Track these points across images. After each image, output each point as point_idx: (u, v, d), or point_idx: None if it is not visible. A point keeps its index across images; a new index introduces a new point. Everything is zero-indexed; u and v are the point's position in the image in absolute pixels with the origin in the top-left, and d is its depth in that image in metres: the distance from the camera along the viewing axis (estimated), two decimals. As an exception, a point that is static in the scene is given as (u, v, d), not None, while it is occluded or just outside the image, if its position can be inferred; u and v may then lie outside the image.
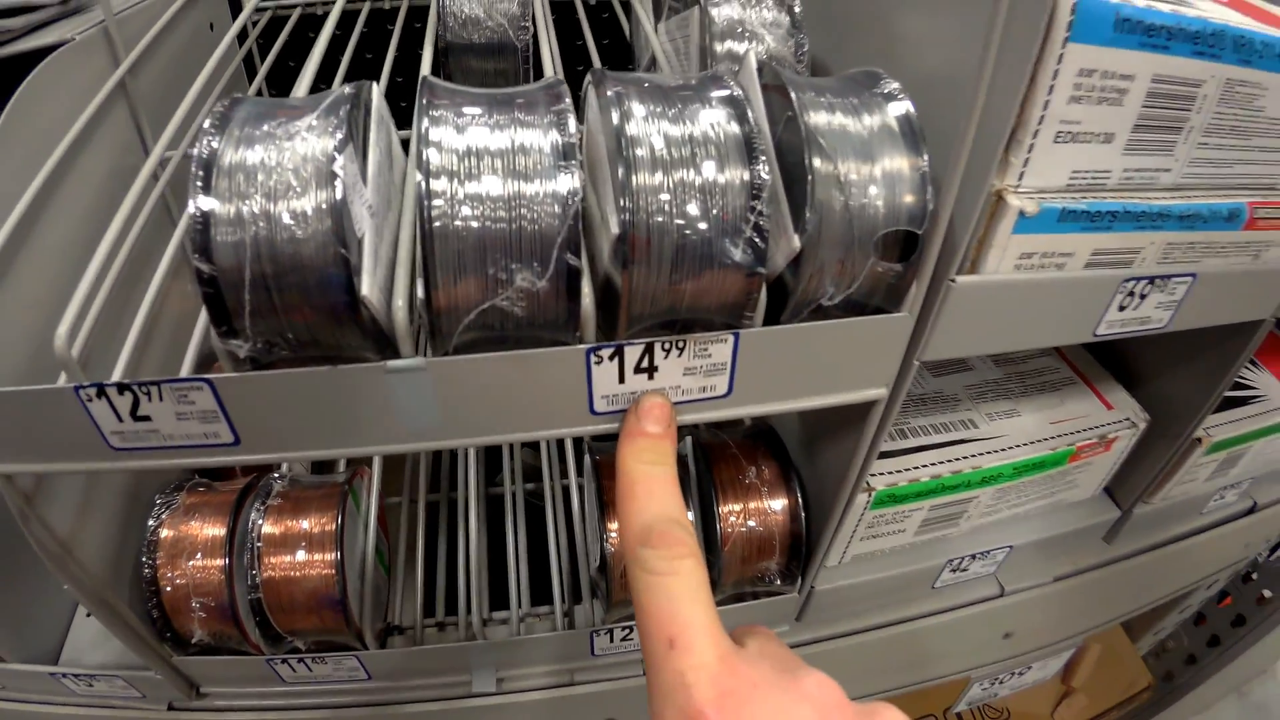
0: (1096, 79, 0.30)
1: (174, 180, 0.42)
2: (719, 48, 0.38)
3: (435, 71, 0.45)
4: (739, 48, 0.38)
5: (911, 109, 0.30)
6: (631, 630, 0.47)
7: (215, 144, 0.26)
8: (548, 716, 0.51)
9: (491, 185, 0.27)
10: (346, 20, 0.60)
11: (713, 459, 0.46)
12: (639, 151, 0.28)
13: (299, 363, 0.29)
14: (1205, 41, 0.32)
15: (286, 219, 0.26)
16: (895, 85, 0.31)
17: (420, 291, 0.27)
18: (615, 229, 0.27)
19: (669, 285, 0.29)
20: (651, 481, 0.29)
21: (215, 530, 0.43)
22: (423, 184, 0.26)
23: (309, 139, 0.27)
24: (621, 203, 0.27)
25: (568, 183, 0.27)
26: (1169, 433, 0.52)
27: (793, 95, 0.29)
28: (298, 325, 0.28)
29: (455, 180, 0.27)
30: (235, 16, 0.60)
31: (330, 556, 0.44)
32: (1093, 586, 0.59)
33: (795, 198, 0.29)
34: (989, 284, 0.33)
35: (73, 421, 0.29)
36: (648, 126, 0.29)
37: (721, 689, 0.24)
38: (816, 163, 0.29)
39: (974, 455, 0.46)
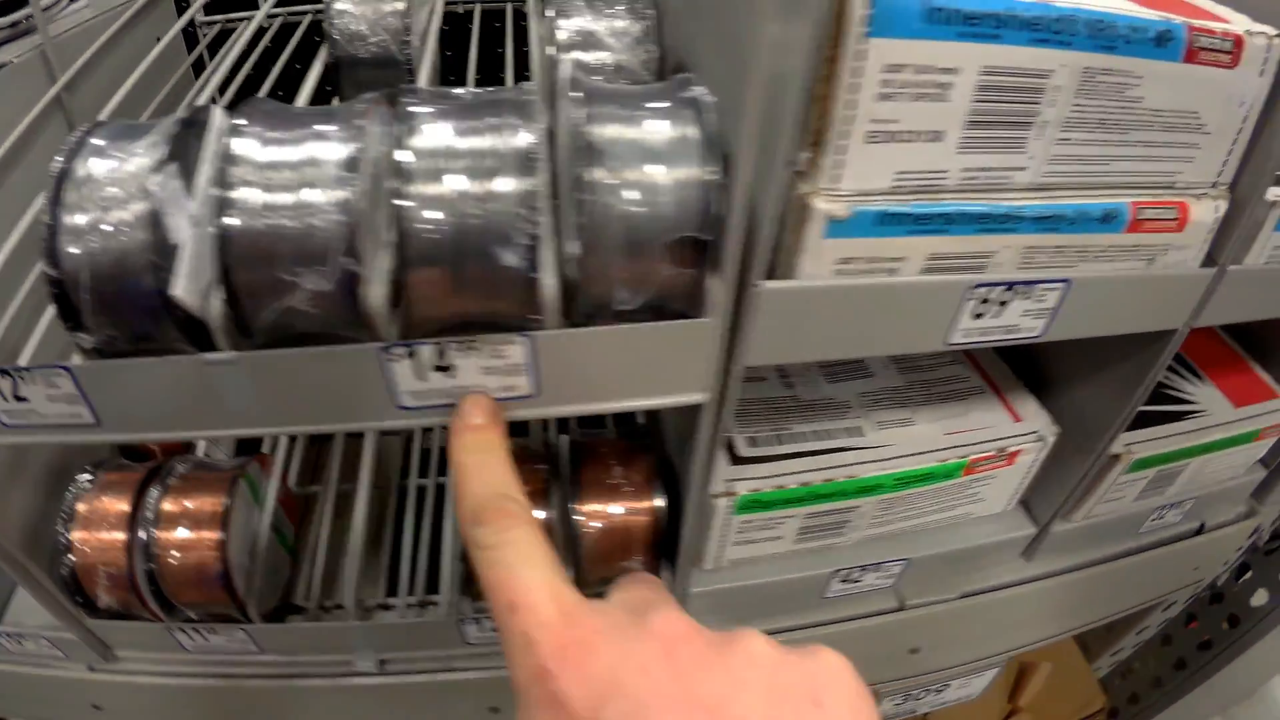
0: (910, 74, 0.28)
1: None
2: (566, 57, 0.36)
3: (328, 84, 0.46)
4: (586, 58, 0.36)
5: (705, 116, 0.28)
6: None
7: (68, 163, 0.29)
8: (429, 701, 0.51)
9: (283, 195, 0.28)
10: (287, 33, 0.61)
11: (582, 459, 0.45)
12: (424, 164, 0.28)
13: (143, 353, 0.31)
14: (1047, 27, 0.29)
15: (110, 229, 0.29)
16: (699, 91, 0.29)
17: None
18: (392, 237, 0.27)
19: (453, 289, 0.29)
20: (479, 468, 0.29)
21: (121, 505, 0.46)
22: (216, 195, 0.28)
23: (139, 158, 0.29)
24: (401, 212, 0.27)
25: (346, 192, 0.28)
26: (1083, 448, 0.49)
27: (577, 110, 0.28)
28: (127, 322, 0.30)
29: (250, 190, 0.28)
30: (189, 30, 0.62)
31: (214, 536, 0.45)
32: (1012, 605, 0.56)
33: (572, 204, 0.28)
34: (801, 289, 0.31)
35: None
36: (436, 140, 0.29)
37: (563, 640, 0.24)
38: (597, 173, 0.27)
39: (852, 464, 0.44)
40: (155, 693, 0.49)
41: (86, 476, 0.47)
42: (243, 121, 0.29)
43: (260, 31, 0.64)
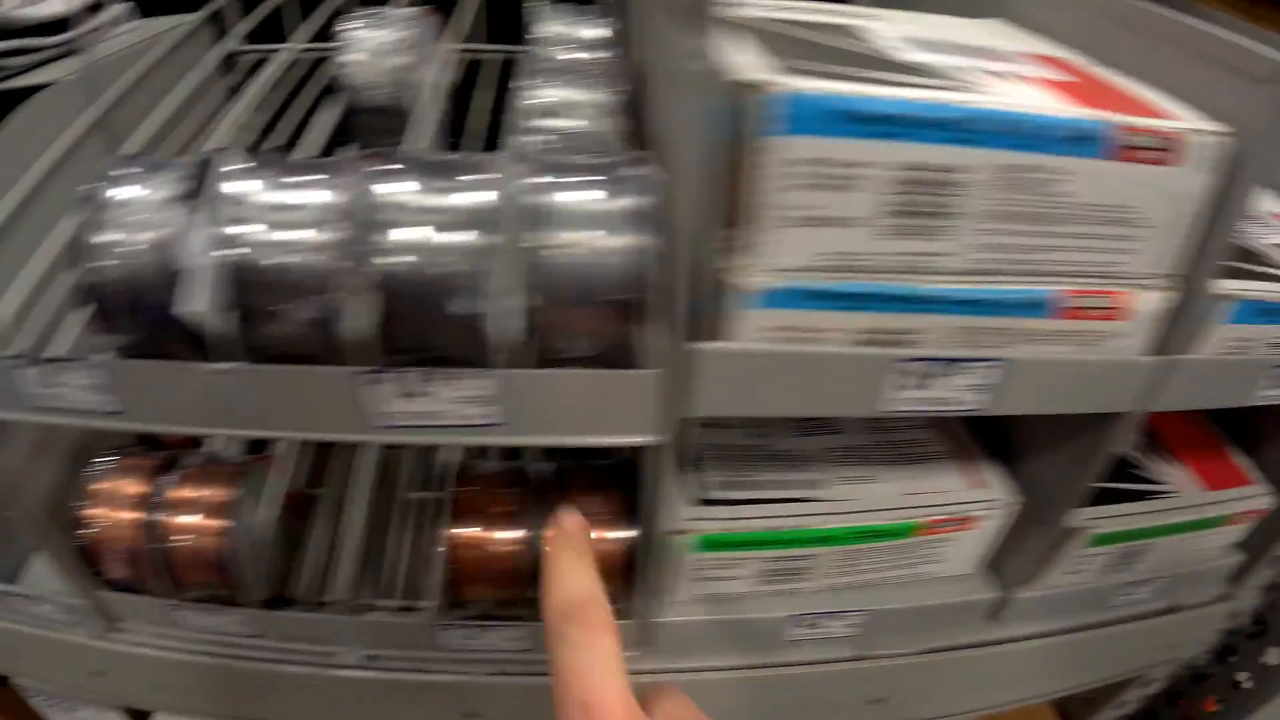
0: (820, 168, 0.31)
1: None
2: (540, 124, 0.41)
3: (345, 128, 0.52)
4: (559, 125, 0.41)
5: (649, 193, 0.32)
6: (481, 631, 0.50)
7: (108, 188, 0.35)
8: (407, 698, 0.55)
9: (280, 234, 0.34)
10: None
11: (566, 486, 0.49)
12: (393, 216, 0.34)
13: (165, 355, 0.36)
14: (959, 128, 0.32)
15: (142, 249, 0.34)
16: (649, 171, 0.33)
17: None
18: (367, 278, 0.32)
19: (421, 327, 0.34)
20: (573, 568, 0.33)
21: (138, 488, 0.51)
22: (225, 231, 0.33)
23: (162, 191, 0.35)
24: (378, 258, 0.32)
25: (330, 236, 0.33)
26: (1043, 519, 0.51)
27: (537, 178, 0.32)
28: (153, 331, 0.36)
29: (253, 227, 0.34)
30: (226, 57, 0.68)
31: (219, 524, 0.50)
32: (979, 664, 0.58)
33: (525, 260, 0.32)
34: (733, 351, 0.35)
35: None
36: (414, 197, 0.34)
37: None
38: (555, 235, 0.32)
39: (808, 515, 0.47)
40: (154, 664, 0.54)
41: (106, 459, 0.52)
42: (251, 165, 0.35)
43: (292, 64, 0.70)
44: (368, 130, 0.51)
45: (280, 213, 0.34)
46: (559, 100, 0.43)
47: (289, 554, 0.58)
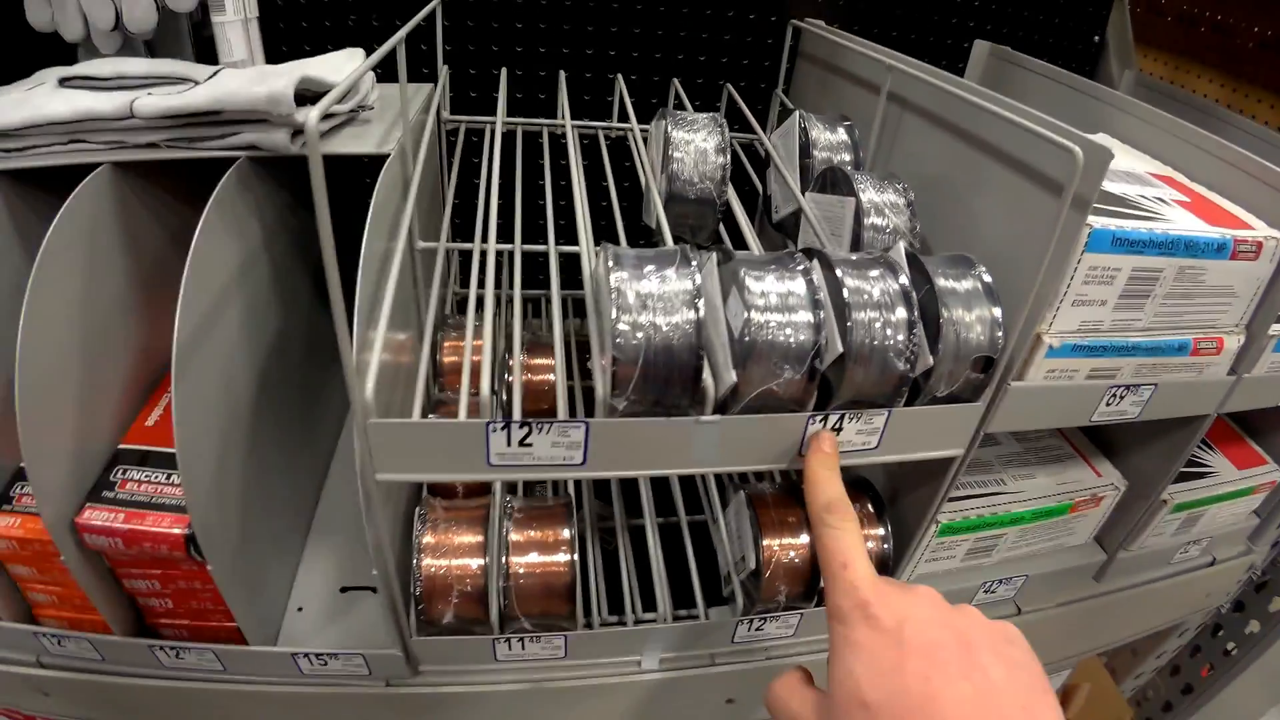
0: (1099, 271, 0.52)
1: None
2: (866, 221, 0.59)
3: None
4: (880, 222, 0.59)
5: (990, 280, 0.51)
6: (765, 622, 0.65)
7: (620, 280, 0.46)
8: (693, 690, 0.68)
9: (778, 316, 0.48)
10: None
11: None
12: (851, 298, 0.49)
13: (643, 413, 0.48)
14: (1167, 246, 0.53)
15: (662, 329, 0.46)
16: (983, 268, 0.52)
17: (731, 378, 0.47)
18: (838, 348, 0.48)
19: (861, 380, 0.50)
20: (831, 478, 0.49)
21: (474, 537, 0.60)
22: (743, 315, 0.47)
23: (675, 281, 0.47)
24: (841, 331, 0.48)
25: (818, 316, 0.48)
26: (1142, 494, 0.72)
27: (929, 270, 0.51)
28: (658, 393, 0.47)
29: (759, 313, 0.47)
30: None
31: (565, 558, 0.60)
32: (1086, 614, 0.79)
33: (929, 332, 0.50)
34: (1030, 387, 0.54)
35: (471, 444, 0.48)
36: (856, 284, 0.50)
37: (876, 588, 0.42)
38: (944, 313, 0.50)
39: (1005, 503, 0.66)
40: (455, 701, 0.63)
41: (423, 514, 0.60)
42: (744, 266, 0.49)
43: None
44: (684, 215, 0.67)
45: (774, 299, 0.47)
46: (878, 202, 0.60)
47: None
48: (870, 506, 0.66)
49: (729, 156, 0.67)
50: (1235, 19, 1.09)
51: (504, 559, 0.60)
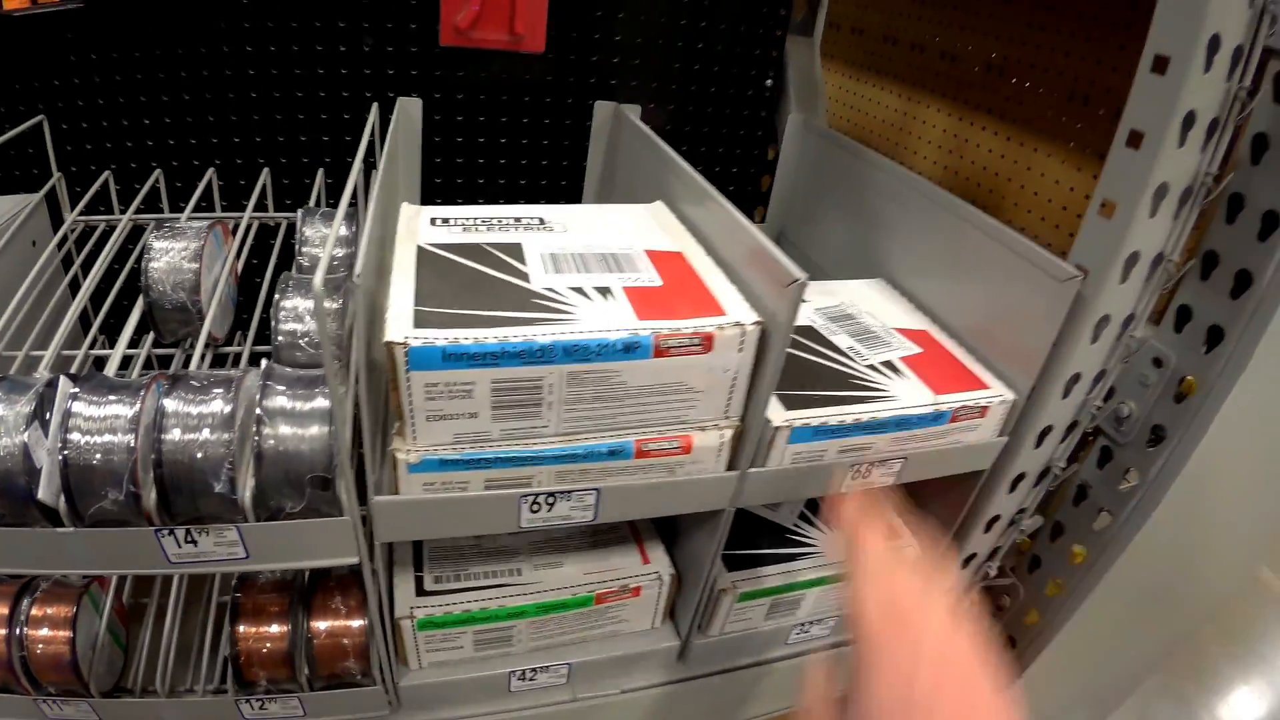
0: (442, 387, 0.51)
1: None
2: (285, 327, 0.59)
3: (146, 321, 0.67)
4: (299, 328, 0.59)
5: (330, 402, 0.51)
6: (267, 702, 0.66)
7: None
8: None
9: (96, 439, 0.49)
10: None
11: (316, 589, 0.66)
12: (172, 420, 0.49)
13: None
14: (533, 356, 0.52)
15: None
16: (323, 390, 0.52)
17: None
18: (153, 470, 0.48)
19: (189, 501, 0.50)
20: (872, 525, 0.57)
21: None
22: (60, 437, 0.48)
23: (18, 407, 0.49)
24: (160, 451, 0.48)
25: (130, 438, 0.49)
26: (695, 582, 0.71)
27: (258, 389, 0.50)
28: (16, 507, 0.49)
29: (76, 435, 0.49)
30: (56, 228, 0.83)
31: (64, 634, 0.64)
32: (674, 698, 0.77)
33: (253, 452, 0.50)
34: (398, 501, 0.54)
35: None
36: (177, 406, 0.50)
37: None
38: (265, 430, 0.49)
39: (507, 596, 0.66)
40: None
41: None
42: (76, 389, 0.52)
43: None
44: (165, 322, 0.68)
45: (97, 423, 0.50)
46: (301, 307, 0.61)
47: (120, 652, 0.73)
48: (354, 597, 0.66)
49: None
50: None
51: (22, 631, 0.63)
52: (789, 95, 1.04)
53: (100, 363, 0.67)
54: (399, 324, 0.52)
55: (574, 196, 1.06)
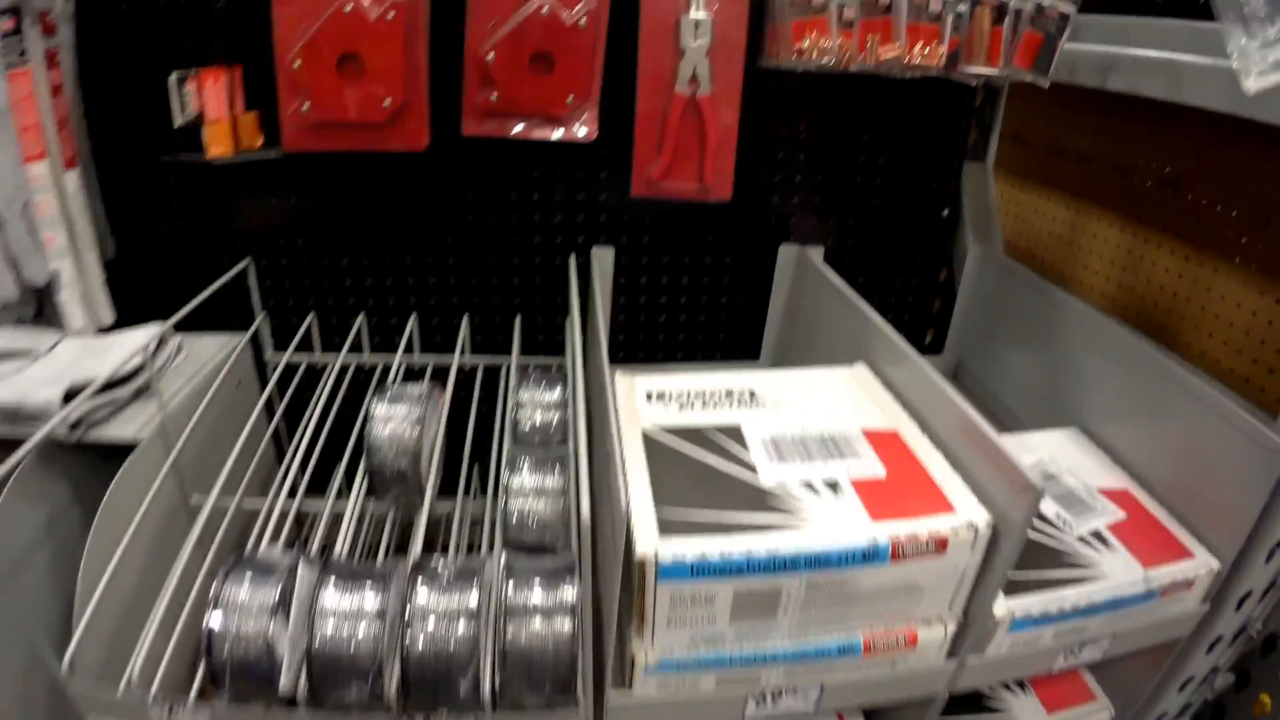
0: (686, 596, 0.52)
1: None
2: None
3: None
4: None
5: (576, 598, 0.52)
6: None
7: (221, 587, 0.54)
8: None
9: (344, 627, 0.52)
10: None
11: None
12: (419, 613, 0.52)
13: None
14: (777, 565, 0.53)
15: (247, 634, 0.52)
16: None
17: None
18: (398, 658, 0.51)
19: (437, 695, 0.52)
20: None
21: None
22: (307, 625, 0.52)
23: (264, 592, 0.53)
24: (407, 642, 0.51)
25: (376, 629, 0.52)
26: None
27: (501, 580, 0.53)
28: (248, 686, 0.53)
29: (326, 622, 0.52)
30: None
31: None
32: None
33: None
34: (633, 701, 0.55)
35: None
36: (431, 599, 0.52)
37: None
38: (511, 627, 0.51)
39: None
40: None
41: None
42: (324, 577, 0.54)
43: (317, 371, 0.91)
44: (386, 486, 0.71)
45: (345, 616, 0.52)
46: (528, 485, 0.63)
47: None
48: None
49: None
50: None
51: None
52: (964, 220, 1.04)
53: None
54: (645, 533, 0.53)
55: (755, 340, 1.08)
